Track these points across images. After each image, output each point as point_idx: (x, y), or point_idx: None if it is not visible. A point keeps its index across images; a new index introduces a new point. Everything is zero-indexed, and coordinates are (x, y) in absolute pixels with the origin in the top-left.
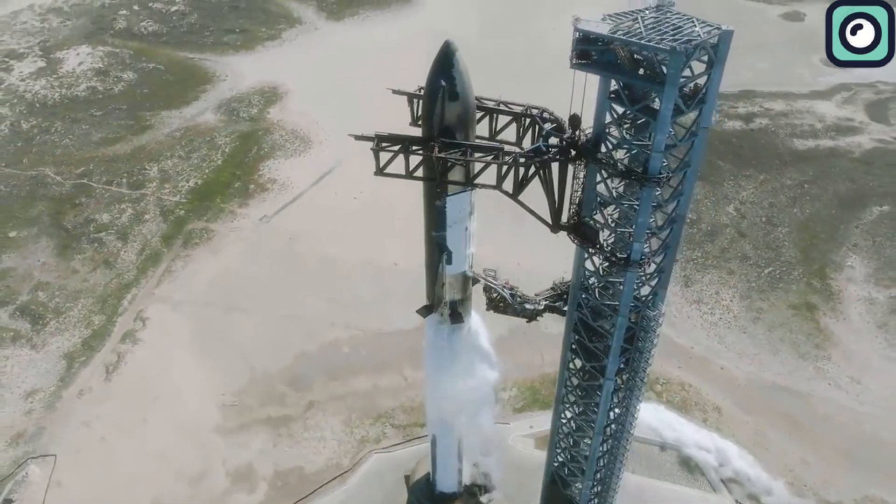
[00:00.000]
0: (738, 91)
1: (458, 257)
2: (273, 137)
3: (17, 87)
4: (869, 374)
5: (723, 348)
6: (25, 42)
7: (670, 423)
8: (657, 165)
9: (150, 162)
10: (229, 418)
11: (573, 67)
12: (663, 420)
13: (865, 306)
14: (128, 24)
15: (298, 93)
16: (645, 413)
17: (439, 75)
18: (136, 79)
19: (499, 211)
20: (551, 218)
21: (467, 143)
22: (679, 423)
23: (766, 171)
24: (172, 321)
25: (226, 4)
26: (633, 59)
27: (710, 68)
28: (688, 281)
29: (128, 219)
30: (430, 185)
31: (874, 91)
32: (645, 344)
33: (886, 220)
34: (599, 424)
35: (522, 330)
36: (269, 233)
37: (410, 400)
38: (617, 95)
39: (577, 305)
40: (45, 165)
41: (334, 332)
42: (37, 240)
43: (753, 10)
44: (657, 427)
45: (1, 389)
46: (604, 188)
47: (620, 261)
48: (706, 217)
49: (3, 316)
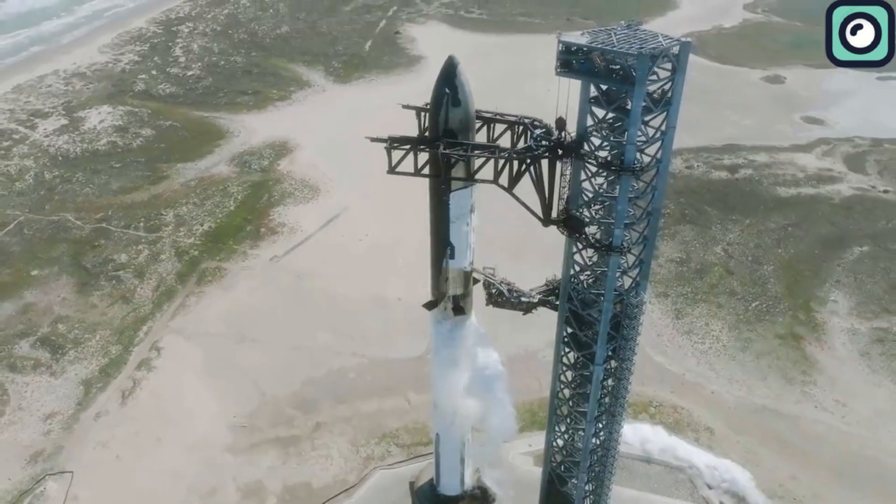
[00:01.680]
0: (724, 145)
1: (460, 252)
2: (283, 186)
3: (42, 142)
4: (854, 397)
5: (713, 374)
6: (50, 103)
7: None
8: (632, 157)
9: (166, 208)
10: (240, 438)
11: (558, 74)
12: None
13: (849, 336)
14: (146, 87)
15: (307, 147)
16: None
17: (444, 84)
18: (153, 135)
19: (499, 249)
20: (542, 213)
21: (468, 143)
22: (685, 447)
23: (751, 215)
24: (186, 350)
25: (239, 69)
26: (608, 66)
27: (674, 74)
28: (679, 314)
29: (144, 259)
30: (435, 182)
31: (852, 145)
32: (630, 331)
33: (867, 259)
34: (591, 413)
35: (521, 358)
36: (279, 271)
37: (414, 421)
38: (596, 99)
39: (568, 297)
40: (66, 211)
41: (340, 361)
42: (57, 278)
43: (737, 74)
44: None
45: (21, 412)
46: (589, 185)
47: (604, 247)
48: (695, 257)
49: (25, 346)
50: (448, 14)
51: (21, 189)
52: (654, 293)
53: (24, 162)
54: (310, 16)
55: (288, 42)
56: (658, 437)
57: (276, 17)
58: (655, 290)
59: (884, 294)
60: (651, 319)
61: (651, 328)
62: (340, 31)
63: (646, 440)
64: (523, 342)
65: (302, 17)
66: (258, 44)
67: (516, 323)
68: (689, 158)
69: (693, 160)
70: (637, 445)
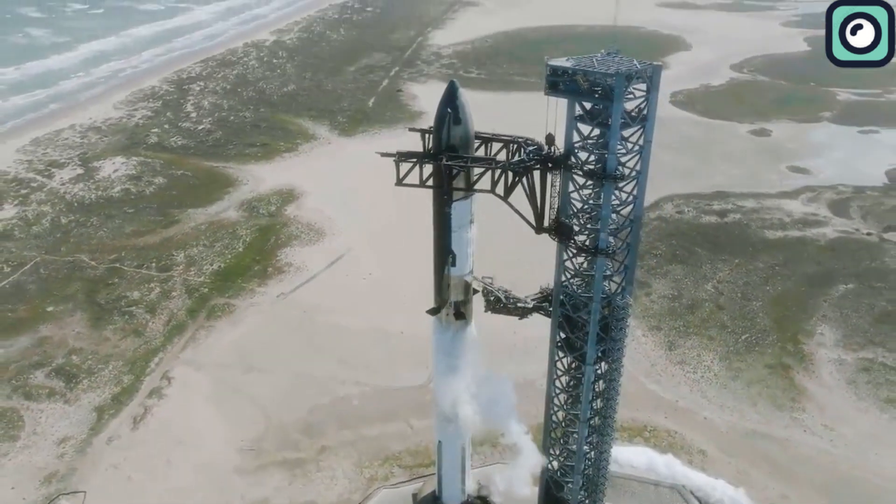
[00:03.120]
0: (713, 192)
1: (461, 260)
2: (290, 230)
3: (58, 189)
4: (841, 422)
5: (705, 401)
6: (66, 154)
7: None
8: (613, 164)
9: (178, 249)
10: (247, 461)
11: (546, 94)
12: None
13: (835, 366)
14: (159, 140)
15: (313, 194)
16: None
17: (446, 105)
18: (165, 183)
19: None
20: (535, 222)
21: (467, 156)
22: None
23: (740, 255)
24: (195, 380)
25: (248, 123)
26: (590, 86)
27: (649, 94)
28: (671, 345)
29: (156, 296)
30: (438, 193)
31: (836, 192)
32: (618, 333)
33: (852, 296)
34: (583, 414)
35: (519, 386)
36: (286, 307)
37: (416, 445)
38: (581, 116)
39: (560, 302)
40: (80, 253)
41: (345, 389)
42: (72, 313)
43: (726, 128)
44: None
45: (35, 437)
46: (577, 196)
47: (591, 250)
48: (686, 294)
49: (40, 376)
50: (448, 74)
51: (38, 232)
52: (648, 326)
53: (41, 207)
54: (315, 75)
55: (295, 99)
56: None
57: (284, 77)
58: (648, 323)
59: (869, 327)
60: (644, 350)
61: (645, 358)
62: (345, 90)
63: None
64: (521, 372)
65: (308, 77)
66: (266, 101)
67: (514, 356)
68: (679, 204)
69: (684, 205)
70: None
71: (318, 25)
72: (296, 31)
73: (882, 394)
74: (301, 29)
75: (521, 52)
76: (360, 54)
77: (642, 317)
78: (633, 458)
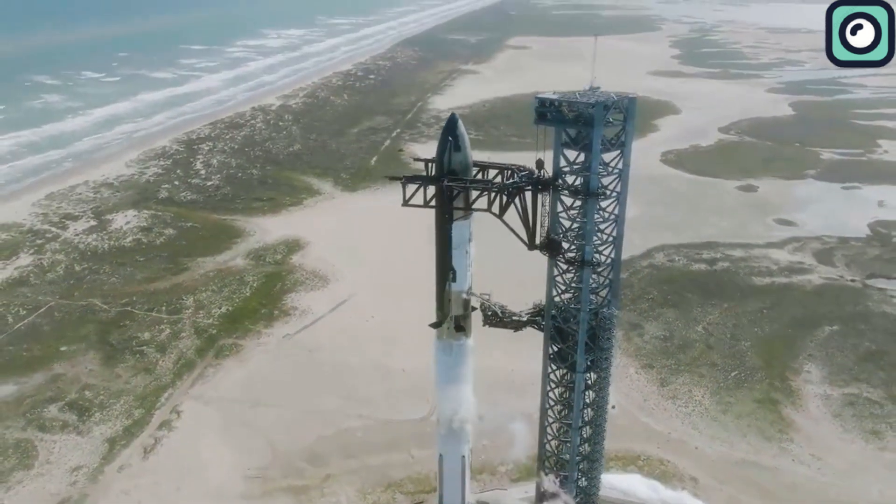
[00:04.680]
0: (703, 242)
1: (461, 276)
2: (295, 276)
3: (72, 239)
4: (828, 452)
5: (696, 433)
6: (80, 208)
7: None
8: (595, 184)
9: (187, 294)
10: (254, 487)
11: (535, 123)
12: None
13: (822, 401)
14: (169, 195)
15: (318, 244)
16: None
17: (447, 134)
18: (175, 234)
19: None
20: (528, 240)
21: (467, 178)
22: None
23: (729, 300)
24: (204, 413)
25: (255, 180)
26: (574, 115)
27: (625, 122)
28: (663, 382)
29: (166, 336)
30: (440, 214)
31: (821, 242)
32: (605, 342)
33: (837, 337)
34: (575, 421)
35: (516, 419)
36: (291, 347)
37: (418, 472)
38: (566, 143)
39: (552, 316)
40: (93, 297)
41: (349, 422)
42: (85, 352)
43: (715, 184)
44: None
45: (48, 465)
46: (565, 216)
47: (579, 262)
48: (678, 335)
49: (53, 410)
50: None
51: (52, 279)
52: (640, 364)
53: (55, 256)
54: (320, 136)
55: (300, 158)
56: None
57: (289, 138)
58: (641, 362)
59: (853, 365)
60: (637, 386)
61: (638, 393)
62: (348, 149)
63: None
64: (519, 406)
65: (313, 138)
66: (272, 159)
67: (512, 391)
68: (670, 253)
69: (675, 254)
70: None
71: (322, 91)
72: (301, 97)
73: (867, 426)
74: (306, 95)
75: (517, 116)
76: (363, 117)
77: (635, 356)
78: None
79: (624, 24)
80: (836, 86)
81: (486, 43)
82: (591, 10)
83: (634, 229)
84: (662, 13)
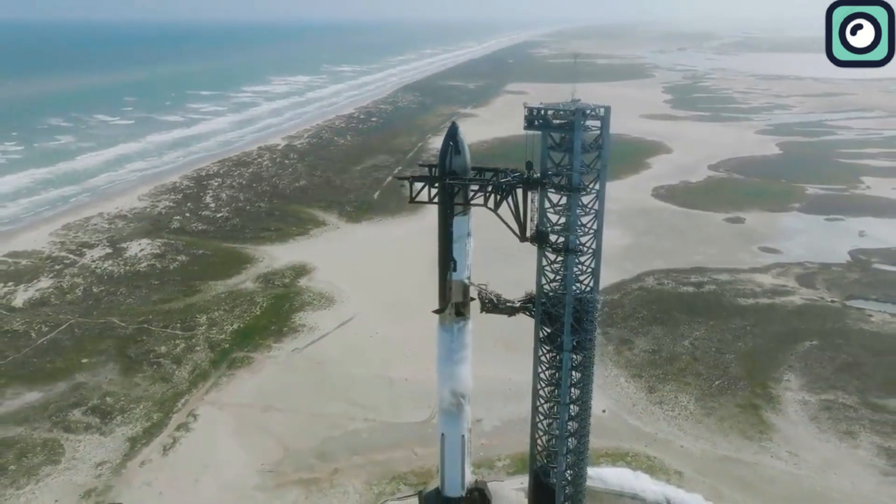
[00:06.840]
0: (691, 267)
1: (461, 266)
2: (303, 297)
3: (90, 265)
4: (804, 450)
5: (682, 434)
6: (96, 237)
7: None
8: (577, 179)
9: (200, 313)
10: (267, 480)
11: (525, 129)
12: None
13: (800, 406)
14: (181, 225)
15: (324, 269)
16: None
17: (449, 140)
18: (188, 260)
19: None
20: (520, 232)
21: (465, 178)
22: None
23: (714, 318)
24: (219, 417)
25: (263, 212)
26: (559, 122)
27: (602, 128)
28: (651, 389)
29: (181, 350)
30: (442, 210)
31: (803, 268)
32: (589, 324)
33: (816, 350)
34: (563, 397)
35: (515, 421)
36: (300, 359)
37: (421, 467)
38: (552, 146)
39: (542, 302)
40: (111, 316)
41: (355, 424)
42: (105, 364)
43: (703, 216)
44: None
45: (75, 461)
46: (552, 211)
47: (563, 249)
48: (665, 348)
49: (77, 413)
50: None
51: (72, 299)
52: (630, 374)
53: (74, 279)
54: (325, 173)
55: (306, 192)
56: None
57: (295, 174)
58: (630, 372)
59: (830, 375)
60: (627, 393)
61: (627, 399)
62: (352, 184)
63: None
64: (516, 410)
65: (318, 174)
66: (279, 194)
67: (510, 398)
68: (660, 277)
69: (664, 278)
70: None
71: (326, 132)
72: (306, 137)
73: (841, 427)
74: (311, 135)
75: (514, 154)
76: (366, 156)
77: (625, 367)
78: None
79: (618, 71)
80: (822, 127)
81: (485, 89)
82: (588, 58)
83: (626, 257)
84: (656, 61)
